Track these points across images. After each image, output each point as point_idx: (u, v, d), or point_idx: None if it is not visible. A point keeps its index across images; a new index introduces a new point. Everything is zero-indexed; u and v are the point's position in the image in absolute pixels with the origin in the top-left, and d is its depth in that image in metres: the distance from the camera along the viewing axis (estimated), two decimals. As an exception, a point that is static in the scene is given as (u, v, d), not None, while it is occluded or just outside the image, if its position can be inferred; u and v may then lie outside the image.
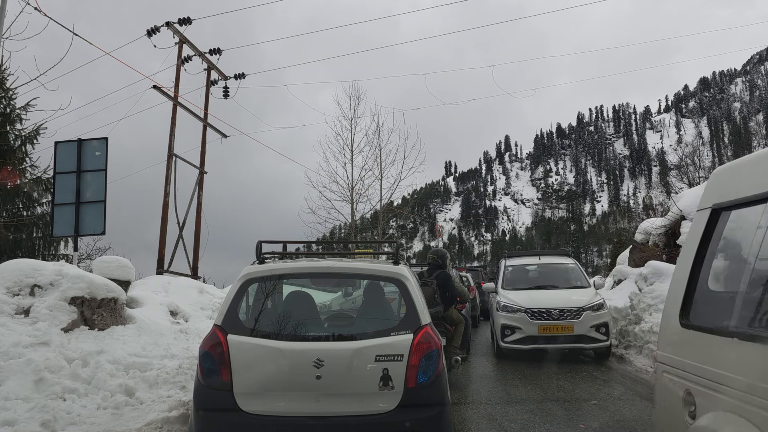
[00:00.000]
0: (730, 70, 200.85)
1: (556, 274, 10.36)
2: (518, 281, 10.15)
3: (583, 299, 8.96)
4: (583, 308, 8.73)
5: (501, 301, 9.28)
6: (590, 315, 8.66)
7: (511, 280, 10.15)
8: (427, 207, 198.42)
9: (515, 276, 10.34)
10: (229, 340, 3.52)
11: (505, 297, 9.36)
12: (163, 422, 4.80)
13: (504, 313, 9.03)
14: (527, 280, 10.26)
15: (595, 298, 9.01)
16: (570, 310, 8.68)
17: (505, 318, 8.96)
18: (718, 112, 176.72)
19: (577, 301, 8.92)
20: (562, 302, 8.90)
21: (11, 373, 5.03)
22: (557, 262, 10.79)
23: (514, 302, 9.02)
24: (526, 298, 9.14)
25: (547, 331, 8.62)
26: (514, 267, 10.66)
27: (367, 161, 20.87)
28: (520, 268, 10.67)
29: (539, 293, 9.45)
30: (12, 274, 6.53)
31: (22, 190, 13.71)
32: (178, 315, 9.02)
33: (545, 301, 8.93)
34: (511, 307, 8.97)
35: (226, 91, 17.52)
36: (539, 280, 10.19)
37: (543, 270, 10.59)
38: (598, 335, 8.62)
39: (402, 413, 3.40)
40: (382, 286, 4.25)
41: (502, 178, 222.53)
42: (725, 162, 10.68)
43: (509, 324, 8.86)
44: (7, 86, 13.21)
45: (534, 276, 10.47)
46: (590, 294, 9.24)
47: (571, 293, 9.38)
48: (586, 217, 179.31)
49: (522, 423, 5.43)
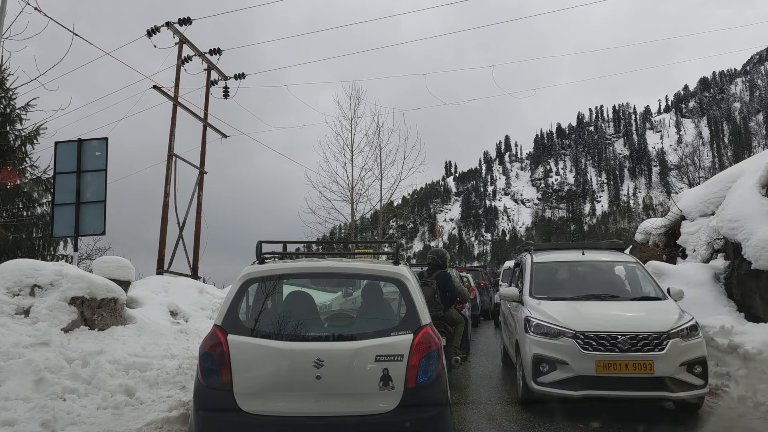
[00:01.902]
0: (730, 70, 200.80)
1: (610, 278, 7.18)
2: (555, 287, 6.95)
3: (666, 319, 5.73)
4: (668, 333, 5.47)
5: (532, 318, 6.00)
6: (679, 345, 5.46)
7: (543, 285, 6.84)
8: (427, 207, 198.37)
9: (549, 279, 7.12)
10: (229, 340, 3.52)
11: (537, 311, 6.10)
12: (163, 422, 4.80)
13: (537, 336, 5.77)
14: (569, 286, 6.99)
15: (683, 318, 5.79)
16: (647, 337, 5.43)
17: (539, 345, 5.70)
18: (718, 112, 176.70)
19: (657, 321, 5.69)
20: (632, 323, 5.72)
21: (11, 373, 5.03)
22: (610, 259, 7.44)
23: (554, 320, 5.79)
24: (572, 314, 5.89)
25: (611, 370, 5.35)
26: (545, 265, 7.29)
27: (367, 161, 20.87)
28: (554, 268, 7.40)
29: (592, 307, 6.18)
30: (12, 274, 6.53)
31: (22, 190, 13.72)
32: (178, 315, 9.02)
33: (606, 321, 5.72)
34: (551, 328, 5.72)
35: (226, 91, 17.53)
36: (587, 286, 6.87)
37: (590, 271, 7.26)
38: (691, 378, 5.43)
39: (402, 413, 3.40)
40: (382, 286, 4.26)
41: (502, 178, 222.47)
42: (725, 162, 10.39)
43: (547, 355, 5.60)
44: (7, 86, 13.22)
45: (578, 280, 7.14)
46: (672, 310, 6.00)
47: (642, 308, 6.25)
48: (586, 218, 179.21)
49: (522, 423, 5.43)
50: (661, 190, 47.24)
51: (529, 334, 5.88)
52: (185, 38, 15.51)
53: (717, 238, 8.94)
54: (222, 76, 17.29)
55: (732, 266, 8.26)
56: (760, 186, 8.32)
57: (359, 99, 21.21)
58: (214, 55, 16.66)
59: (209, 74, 16.94)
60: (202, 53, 16.32)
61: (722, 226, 8.50)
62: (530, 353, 5.74)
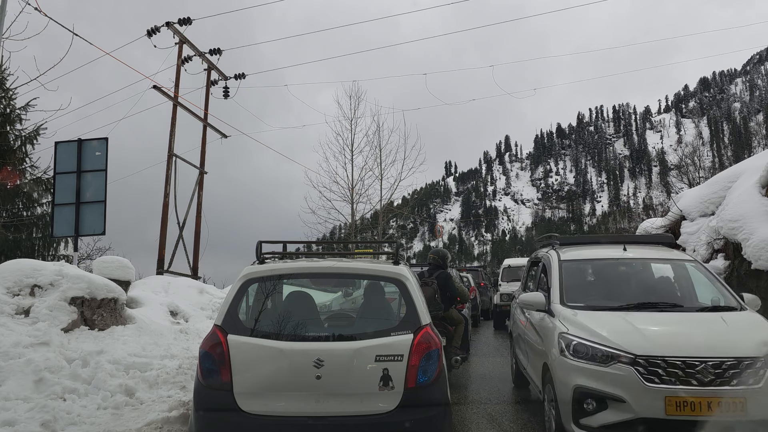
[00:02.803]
0: (730, 70, 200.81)
1: (665, 282, 5.61)
2: (592, 292, 5.31)
3: (756, 337, 4.20)
4: (765, 359, 3.98)
5: (570, 335, 4.40)
6: None
7: (577, 290, 5.21)
8: (427, 207, 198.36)
9: (583, 282, 5.53)
10: (229, 341, 3.52)
11: (575, 325, 4.50)
12: (163, 422, 4.80)
13: (579, 361, 4.21)
14: (611, 292, 5.25)
15: None
16: (737, 364, 3.93)
17: (582, 373, 4.15)
18: (718, 112, 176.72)
19: (746, 341, 4.15)
20: (712, 343, 4.13)
21: (11, 373, 5.03)
22: (660, 256, 5.73)
23: (602, 339, 4.21)
24: (626, 330, 4.30)
25: (687, 411, 3.86)
26: (577, 264, 5.58)
27: (367, 161, 20.89)
28: (590, 268, 5.69)
29: (650, 320, 4.56)
30: (12, 274, 6.53)
31: (22, 191, 13.72)
32: (178, 315, 9.02)
33: (676, 340, 4.17)
34: (598, 350, 4.15)
35: (226, 92, 17.52)
36: (635, 291, 5.27)
37: (637, 272, 5.63)
38: None
39: (402, 413, 3.40)
40: (382, 286, 4.26)
41: (502, 178, 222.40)
42: (725, 162, 10.43)
43: (594, 388, 4.06)
44: (7, 86, 13.23)
45: (622, 283, 5.45)
46: (760, 325, 4.53)
47: (717, 322, 4.56)
48: (586, 218, 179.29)
49: (522, 423, 5.44)
50: (661, 190, 47.30)
51: (567, 358, 4.27)
52: (185, 38, 15.51)
53: (717, 238, 8.93)
54: (222, 76, 17.29)
55: (732, 266, 8.26)
56: (760, 186, 8.32)
57: (359, 99, 21.24)
58: (214, 55, 16.66)
59: (209, 74, 16.94)
60: (202, 53, 16.32)
61: (722, 226, 8.50)
62: (569, 385, 4.16)
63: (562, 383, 4.32)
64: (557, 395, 4.39)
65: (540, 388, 5.11)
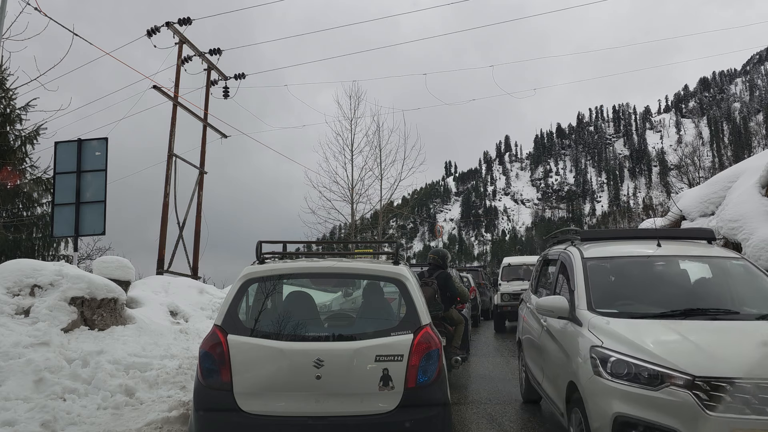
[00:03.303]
0: (730, 70, 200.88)
1: (712, 284, 4.73)
2: (625, 297, 4.45)
3: None
4: None
5: (606, 349, 3.59)
6: None
7: (607, 294, 4.41)
8: (427, 207, 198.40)
9: (614, 284, 4.67)
10: (229, 341, 3.52)
11: (611, 336, 3.69)
12: (163, 422, 4.80)
13: (619, 382, 3.41)
14: (648, 296, 4.42)
15: None
16: None
17: (624, 398, 3.36)
18: (718, 112, 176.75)
19: None
20: None
21: (11, 374, 5.03)
22: (703, 254, 4.92)
23: (648, 355, 3.41)
24: (677, 342, 3.54)
25: None
26: (605, 263, 4.79)
27: (367, 161, 20.90)
28: (621, 268, 4.79)
29: (704, 331, 3.76)
30: (12, 274, 6.53)
31: (22, 191, 13.73)
32: (178, 315, 9.02)
33: (742, 357, 3.36)
34: (644, 369, 3.35)
35: (226, 92, 17.52)
36: (678, 296, 4.44)
37: (676, 272, 4.82)
38: None
39: (402, 413, 3.40)
40: (382, 286, 4.26)
41: (502, 178, 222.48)
42: (725, 162, 10.41)
43: (639, 417, 3.28)
44: (7, 86, 13.23)
45: (661, 286, 4.62)
46: None
47: None
48: (586, 218, 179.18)
49: (522, 423, 5.44)
50: (661, 190, 47.31)
51: (604, 378, 3.44)
52: (185, 38, 15.51)
53: (717, 238, 8.94)
54: (222, 76, 17.29)
55: (732, 266, 8.24)
56: (760, 186, 8.33)
57: (359, 99, 21.25)
58: (214, 55, 16.65)
59: (209, 74, 16.94)
60: (202, 53, 16.32)
61: (722, 226, 8.50)
62: (608, 412, 3.36)
63: (597, 410, 3.47)
64: (590, 424, 3.52)
65: (563, 412, 4.24)
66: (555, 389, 4.51)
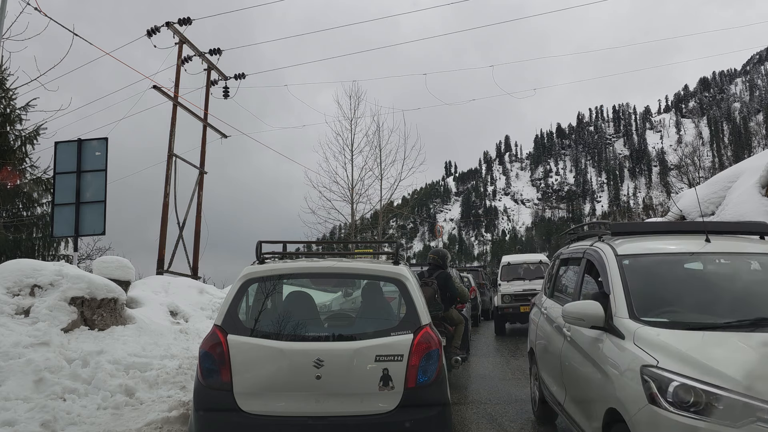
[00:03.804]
0: (730, 70, 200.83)
1: None
2: (674, 302, 3.59)
3: None
4: None
5: (663, 371, 2.73)
6: None
7: (650, 298, 3.59)
8: (427, 207, 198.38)
9: (657, 286, 3.78)
10: (229, 341, 3.52)
11: (670, 354, 2.84)
12: (163, 422, 4.80)
13: (686, 415, 2.53)
14: (706, 302, 3.59)
15: None
16: None
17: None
18: (718, 112, 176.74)
19: None
20: None
21: (11, 374, 5.03)
22: (762, 251, 4.01)
23: (725, 380, 2.55)
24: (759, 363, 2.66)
25: None
26: (646, 262, 3.96)
27: (367, 161, 20.92)
28: (665, 267, 3.98)
29: None
30: (12, 274, 6.53)
31: (22, 191, 13.73)
32: (178, 315, 9.02)
33: None
34: (720, 398, 2.50)
35: (226, 92, 17.53)
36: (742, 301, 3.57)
37: (735, 273, 3.92)
38: None
39: (402, 413, 3.40)
40: (382, 286, 4.26)
41: (502, 178, 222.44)
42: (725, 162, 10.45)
43: None
44: (7, 86, 13.24)
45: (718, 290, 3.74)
46: None
47: None
48: (586, 218, 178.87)
49: (522, 423, 5.43)
50: (661, 190, 47.36)
51: (664, 409, 2.64)
52: (185, 38, 15.51)
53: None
54: (222, 76, 17.29)
55: (732, 266, 8.23)
56: (760, 186, 8.33)
57: (359, 99, 21.28)
58: (214, 55, 16.66)
59: (209, 74, 16.94)
60: (202, 53, 16.32)
61: (722, 226, 8.50)
62: None
63: None
64: None
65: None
66: (584, 415, 3.72)
